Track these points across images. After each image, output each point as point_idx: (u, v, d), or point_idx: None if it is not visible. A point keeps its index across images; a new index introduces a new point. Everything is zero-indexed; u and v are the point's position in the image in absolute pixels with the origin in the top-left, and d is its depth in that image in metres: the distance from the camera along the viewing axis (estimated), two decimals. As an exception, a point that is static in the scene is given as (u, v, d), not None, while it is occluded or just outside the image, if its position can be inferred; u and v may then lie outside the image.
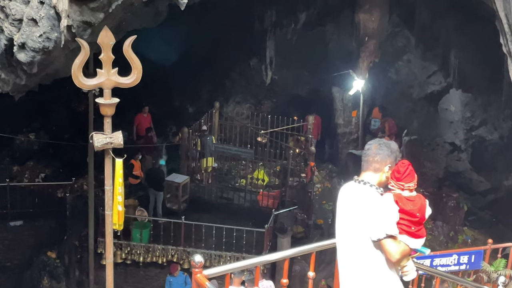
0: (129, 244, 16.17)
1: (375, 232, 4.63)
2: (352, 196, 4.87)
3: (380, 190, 4.83)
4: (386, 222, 4.63)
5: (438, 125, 20.88)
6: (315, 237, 17.77)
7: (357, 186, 4.87)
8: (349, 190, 4.94)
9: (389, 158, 4.83)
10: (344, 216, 4.92)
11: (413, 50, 20.85)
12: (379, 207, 4.68)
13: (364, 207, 4.72)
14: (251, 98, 24.24)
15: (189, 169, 19.59)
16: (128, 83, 6.76)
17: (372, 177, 4.85)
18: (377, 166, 4.84)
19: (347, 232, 4.88)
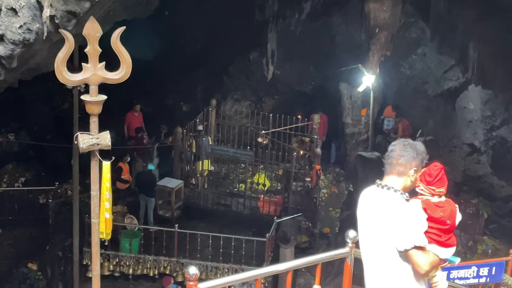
0: (117, 255, 16.16)
1: (401, 242, 4.62)
2: (375, 202, 4.86)
3: (405, 196, 4.81)
4: (414, 232, 4.62)
5: (456, 124, 20.85)
6: (321, 247, 17.76)
7: (380, 191, 4.86)
8: (372, 196, 4.93)
9: (415, 160, 4.81)
10: (367, 225, 4.92)
11: (428, 42, 20.83)
12: (406, 215, 4.66)
13: (389, 215, 4.70)
14: (251, 95, 24.25)
15: (183, 173, 19.59)
16: (117, 79, 6.75)
17: (396, 182, 4.83)
18: (401, 170, 4.82)
19: (371, 242, 4.88)
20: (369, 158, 17.20)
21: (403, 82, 22.15)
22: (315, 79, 24.00)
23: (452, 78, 20.97)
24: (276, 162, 20.73)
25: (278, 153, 20.39)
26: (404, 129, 20.96)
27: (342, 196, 20.89)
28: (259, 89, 24.23)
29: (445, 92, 21.17)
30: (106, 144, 6.74)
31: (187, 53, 23.16)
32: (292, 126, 21.38)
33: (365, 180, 17.18)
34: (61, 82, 6.66)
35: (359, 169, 17.38)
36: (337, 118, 22.58)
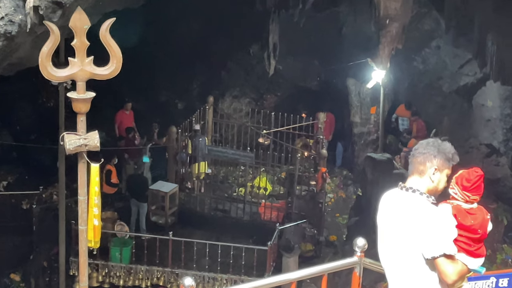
0: (107, 265, 16.17)
1: (429, 250, 4.62)
2: (399, 206, 4.85)
3: (431, 199, 4.82)
4: (443, 239, 4.62)
5: (473, 123, 20.85)
6: (327, 256, 17.77)
7: (404, 194, 4.86)
8: (394, 199, 4.93)
9: (436, 158, 4.81)
10: (389, 231, 4.92)
11: (443, 34, 20.82)
12: (435, 220, 4.66)
13: (415, 220, 4.70)
14: (251, 92, 24.25)
15: (178, 176, 19.59)
16: (106, 74, 6.75)
17: (419, 183, 4.85)
18: (421, 169, 4.84)
19: (394, 250, 4.88)
20: (379, 159, 17.21)
21: (416, 77, 22.15)
22: (321, 75, 24.01)
23: (468, 73, 20.96)
24: (278, 164, 20.72)
25: (280, 155, 20.39)
26: (418, 129, 20.98)
27: (350, 201, 20.89)
28: (260, 85, 24.23)
29: (461, 88, 21.17)
30: (94, 145, 6.74)
31: (182, 46, 23.16)
32: (295, 126, 21.37)
33: (375, 183, 17.19)
34: (46, 78, 6.66)
35: (368, 171, 17.39)
36: (344, 116, 22.59)
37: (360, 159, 21.17)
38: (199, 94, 23.76)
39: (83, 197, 6.99)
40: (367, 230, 16.62)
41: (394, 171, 16.99)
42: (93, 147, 6.75)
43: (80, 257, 7.26)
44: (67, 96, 6.97)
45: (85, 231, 7.10)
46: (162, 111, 23.30)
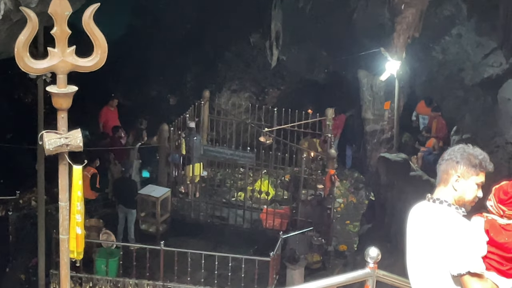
0: (91, 278, 16.16)
1: (455, 266, 4.66)
2: (426, 219, 4.90)
3: (461, 211, 4.85)
4: (470, 255, 4.65)
5: (498, 120, 20.84)
6: (337, 267, 17.79)
7: (432, 206, 4.92)
8: (422, 211, 4.98)
9: (459, 165, 4.85)
10: (416, 245, 4.98)
11: (464, 21, 20.84)
12: (462, 234, 4.69)
13: (442, 234, 4.74)
14: (251, 85, 24.26)
15: (170, 179, 19.61)
16: (89, 66, 6.73)
17: (445, 193, 4.89)
18: (445, 177, 4.90)
19: (421, 265, 4.94)
20: (394, 160, 17.20)
21: (435, 69, 22.15)
22: (329, 66, 24.03)
23: (493, 64, 20.96)
24: (281, 165, 20.73)
25: (284, 155, 20.39)
26: (438, 128, 20.97)
27: (362, 207, 20.91)
28: (261, 78, 24.25)
29: (485, 81, 21.17)
30: (77, 145, 6.71)
31: (174, 35, 23.18)
32: (300, 123, 21.38)
33: (390, 187, 17.20)
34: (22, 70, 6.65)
35: (382, 173, 17.39)
36: (355, 112, 22.59)
37: (373, 160, 21.17)
38: (193, 88, 23.78)
39: (65, 203, 6.97)
40: (380, 239, 16.67)
41: (410, 173, 16.99)
42: (76, 147, 6.73)
43: (61, 269, 7.24)
44: (46, 90, 6.96)
45: (67, 240, 7.09)
46: (153, 107, 23.33)
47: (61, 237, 7.12)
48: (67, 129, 6.81)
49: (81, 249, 7.25)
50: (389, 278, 5.96)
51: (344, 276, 6.13)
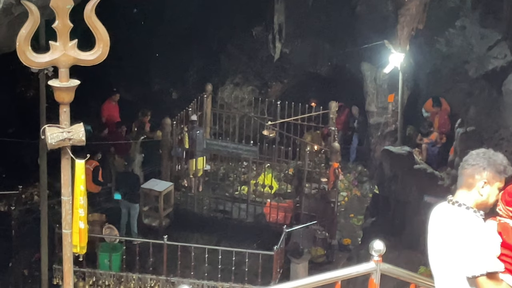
0: (94, 273, 16.18)
1: (470, 268, 4.78)
2: (446, 221, 5.04)
3: (479, 214, 4.97)
4: (486, 257, 4.75)
5: (503, 112, 20.80)
6: (341, 261, 17.78)
7: (451, 208, 5.05)
8: (442, 213, 5.12)
9: (485, 171, 4.96)
10: (437, 246, 5.14)
11: (469, 13, 20.80)
12: (477, 236, 4.81)
13: (459, 236, 4.87)
14: (254, 78, 24.25)
15: (173, 174, 19.61)
16: (92, 60, 6.73)
17: (467, 196, 5.01)
18: (470, 182, 5.00)
19: (440, 265, 5.10)
20: (398, 153, 17.20)
21: (439, 61, 22.11)
22: (332, 59, 24.00)
23: (498, 56, 20.91)
24: (285, 159, 20.73)
25: (287, 149, 20.39)
26: (440, 124, 20.94)
27: (366, 200, 20.90)
28: (264, 71, 24.23)
29: (489, 73, 21.12)
30: (79, 139, 6.73)
31: (176, 28, 23.16)
32: (304, 116, 21.37)
33: (394, 180, 17.21)
34: (24, 64, 6.65)
35: (386, 167, 17.40)
36: (359, 105, 22.57)
37: (377, 153, 21.17)
38: (196, 82, 23.77)
39: (67, 197, 6.98)
40: (384, 232, 16.66)
41: (414, 166, 16.98)
42: (78, 141, 6.73)
43: (64, 264, 7.26)
44: (48, 84, 6.96)
45: (70, 235, 7.10)
46: (155, 101, 23.32)
47: (64, 232, 7.13)
48: (70, 123, 6.82)
49: (84, 243, 7.27)
50: (394, 272, 5.97)
51: (349, 269, 6.14)
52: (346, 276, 6.02)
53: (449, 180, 17.24)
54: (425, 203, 16.77)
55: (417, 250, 16.68)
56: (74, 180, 6.95)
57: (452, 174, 17.42)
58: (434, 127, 21.02)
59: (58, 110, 6.76)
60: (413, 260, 16.40)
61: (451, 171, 17.65)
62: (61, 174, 6.94)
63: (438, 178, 17.05)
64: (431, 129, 21.12)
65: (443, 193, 16.77)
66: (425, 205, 16.78)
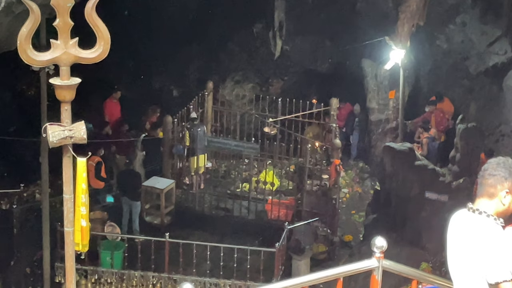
0: (96, 271, 16.19)
1: (493, 274, 4.86)
2: (466, 228, 5.12)
3: (499, 222, 5.05)
4: (506, 263, 4.85)
5: (503, 108, 20.81)
6: (343, 258, 17.80)
7: (472, 216, 5.13)
8: (462, 220, 5.21)
9: (507, 181, 5.03)
10: (456, 253, 5.20)
11: (469, 9, 20.79)
12: (499, 244, 4.90)
13: (480, 243, 4.96)
14: (255, 76, 24.23)
15: (174, 171, 19.61)
16: (92, 58, 6.73)
17: (488, 205, 5.08)
18: (492, 191, 5.06)
19: (460, 272, 5.15)
20: (399, 150, 17.19)
21: (439, 58, 22.11)
22: (333, 56, 23.98)
23: (498, 52, 20.92)
24: (286, 156, 20.73)
25: (288, 146, 20.38)
26: (437, 122, 20.91)
27: (367, 197, 20.89)
28: (264, 68, 24.21)
29: (490, 69, 21.13)
30: (80, 137, 6.73)
31: (177, 26, 23.13)
32: (305, 113, 21.36)
33: (395, 176, 17.19)
34: (25, 62, 6.65)
35: (387, 163, 17.38)
36: (360, 102, 22.55)
37: (378, 150, 21.17)
38: (196, 80, 23.74)
39: (69, 195, 6.98)
40: (386, 229, 16.66)
41: (416, 162, 16.98)
42: (79, 140, 6.73)
43: (66, 262, 7.26)
44: (49, 83, 6.95)
45: (72, 233, 7.10)
46: (156, 99, 23.29)
47: (66, 230, 7.13)
48: (71, 121, 6.82)
49: (86, 241, 7.27)
50: (396, 268, 5.96)
51: (351, 266, 6.13)
52: (348, 273, 6.01)
53: (450, 176, 17.24)
54: (426, 199, 16.78)
55: (418, 246, 16.70)
56: (76, 178, 6.96)
57: (453, 170, 17.43)
58: (432, 126, 21.01)
59: (59, 108, 6.76)
60: (415, 256, 16.41)
61: (452, 167, 17.65)
62: (62, 173, 6.94)
63: (439, 174, 17.04)
64: (429, 125, 21.13)
65: (444, 189, 16.86)
66: (426, 201, 16.81)
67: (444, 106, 21.43)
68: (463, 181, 16.87)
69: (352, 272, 6.05)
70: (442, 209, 16.79)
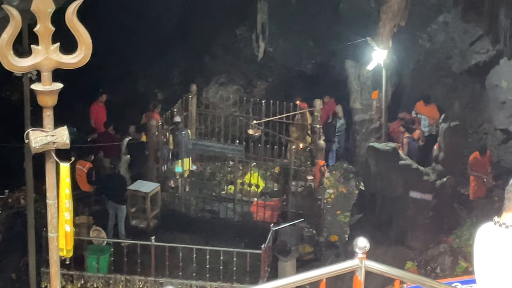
0: (82, 275, 16.16)
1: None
2: (493, 242, 5.12)
3: None
4: None
5: (486, 107, 20.92)
6: (329, 258, 17.82)
7: (498, 230, 5.13)
8: (489, 234, 5.19)
9: None
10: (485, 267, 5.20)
11: (451, 9, 20.87)
12: None
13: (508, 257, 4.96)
14: (239, 78, 24.24)
15: (159, 174, 19.59)
16: (74, 63, 6.70)
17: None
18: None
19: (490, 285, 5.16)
20: (383, 150, 17.24)
21: (422, 57, 22.19)
22: (316, 57, 24.02)
23: (480, 51, 21.02)
24: (271, 158, 20.73)
25: (273, 147, 20.40)
26: None
27: (352, 197, 20.92)
28: (248, 70, 24.23)
29: (472, 68, 21.23)
30: (63, 142, 6.69)
31: (160, 29, 23.12)
32: (289, 114, 21.38)
33: (379, 176, 17.24)
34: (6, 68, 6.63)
35: (372, 163, 17.43)
36: (344, 102, 22.58)
37: (362, 150, 21.19)
38: (181, 82, 23.75)
39: (53, 200, 6.95)
40: (371, 228, 16.71)
41: (399, 162, 17.04)
42: (62, 145, 6.70)
43: (51, 268, 7.23)
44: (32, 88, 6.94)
45: (56, 238, 7.07)
46: (140, 102, 23.26)
47: (50, 235, 7.10)
48: (54, 126, 6.80)
49: (71, 246, 7.24)
50: (378, 269, 5.97)
51: (333, 267, 6.13)
52: (330, 274, 6.02)
53: (434, 175, 17.31)
54: (411, 198, 16.85)
55: (403, 245, 16.76)
56: (59, 184, 6.94)
57: (437, 169, 17.51)
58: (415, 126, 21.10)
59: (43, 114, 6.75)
60: (400, 255, 16.47)
61: (436, 166, 17.73)
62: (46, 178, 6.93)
63: (423, 173, 17.11)
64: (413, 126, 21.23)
65: (428, 188, 16.93)
66: (411, 201, 16.87)
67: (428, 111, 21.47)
68: (447, 179, 16.95)
69: (335, 273, 6.06)
70: (426, 208, 16.89)
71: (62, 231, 7.04)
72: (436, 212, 16.91)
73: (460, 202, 18.30)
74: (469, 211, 17.94)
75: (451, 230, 17.11)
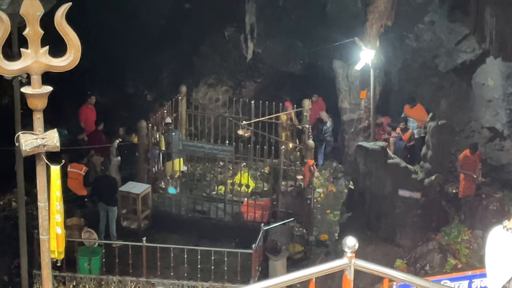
0: (74, 277, 16.12)
1: None
2: (503, 248, 5.17)
3: None
4: None
5: (473, 105, 20.97)
6: (319, 257, 17.83)
7: (506, 234, 5.19)
8: (499, 239, 5.25)
9: None
10: (495, 271, 5.25)
11: (437, 8, 20.91)
12: None
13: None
14: (228, 79, 24.23)
15: (150, 176, 19.56)
16: (63, 66, 6.70)
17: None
18: None
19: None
20: (371, 149, 17.27)
21: (409, 56, 22.22)
22: (304, 58, 24.02)
23: (466, 50, 21.06)
24: (261, 158, 20.72)
25: (263, 148, 20.39)
26: None
27: (342, 196, 20.94)
28: (237, 71, 24.21)
29: (459, 66, 21.27)
30: (53, 145, 6.69)
31: (149, 31, 23.08)
32: (278, 115, 21.39)
33: (368, 175, 17.27)
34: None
35: (360, 162, 17.45)
36: (332, 102, 22.60)
37: (351, 149, 21.22)
38: (170, 84, 23.71)
39: (44, 203, 6.95)
40: (361, 227, 16.75)
41: (388, 161, 17.07)
42: (52, 147, 6.70)
43: (43, 270, 7.23)
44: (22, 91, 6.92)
45: (47, 241, 7.07)
46: (130, 104, 23.23)
47: (41, 238, 7.10)
48: (43, 129, 6.79)
49: (62, 248, 7.24)
50: (367, 267, 5.97)
51: (322, 266, 6.12)
52: (319, 273, 6.02)
53: (422, 174, 17.34)
54: (399, 196, 16.88)
55: (393, 243, 16.80)
56: (50, 186, 6.93)
57: (425, 168, 17.54)
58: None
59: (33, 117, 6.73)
60: (390, 254, 16.50)
61: (424, 164, 17.77)
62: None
63: (411, 172, 17.14)
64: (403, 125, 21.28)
65: (417, 186, 16.97)
66: (399, 199, 16.90)
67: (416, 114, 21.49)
68: (435, 178, 16.98)
69: (324, 272, 6.06)
70: (415, 206, 16.92)
71: (54, 233, 7.04)
72: (425, 210, 16.95)
73: (448, 200, 18.36)
74: (457, 209, 17.99)
75: (439, 227, 17.15)
